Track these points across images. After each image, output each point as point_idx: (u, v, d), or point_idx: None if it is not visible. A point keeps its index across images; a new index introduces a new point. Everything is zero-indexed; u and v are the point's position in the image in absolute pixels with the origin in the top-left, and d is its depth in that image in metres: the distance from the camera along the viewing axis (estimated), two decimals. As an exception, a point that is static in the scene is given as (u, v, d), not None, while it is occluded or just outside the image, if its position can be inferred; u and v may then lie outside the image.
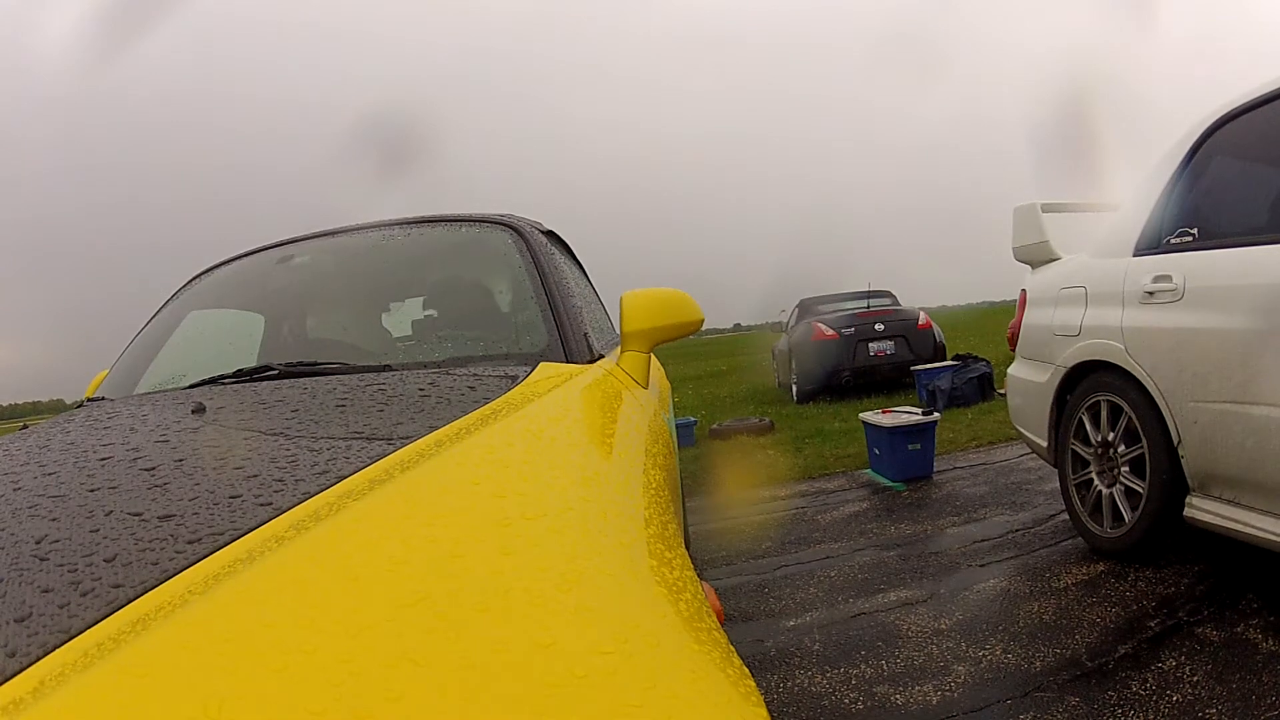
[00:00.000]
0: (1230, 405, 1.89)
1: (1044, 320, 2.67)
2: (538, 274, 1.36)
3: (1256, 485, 1.85)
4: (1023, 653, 1.89)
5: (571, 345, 1.21)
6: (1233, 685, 1.64)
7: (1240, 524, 1.90)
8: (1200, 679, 1.68)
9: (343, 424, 0.78)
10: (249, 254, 1.66)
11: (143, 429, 0.81)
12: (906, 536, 2.95)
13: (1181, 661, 1.77)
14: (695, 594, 0.49)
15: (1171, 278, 2.10)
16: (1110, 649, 1.87)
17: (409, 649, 0.34)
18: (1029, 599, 2.21)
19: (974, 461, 4.02)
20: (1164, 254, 2.17)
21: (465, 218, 1.58)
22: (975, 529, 2.92)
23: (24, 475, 0.65)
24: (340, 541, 0.46)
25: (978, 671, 1.82)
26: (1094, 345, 2.37)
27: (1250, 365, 1.82)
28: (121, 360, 1.52)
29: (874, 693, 1.78)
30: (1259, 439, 1.79)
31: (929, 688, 1.77)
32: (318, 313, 1.55)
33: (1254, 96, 1.97)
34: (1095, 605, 2.11)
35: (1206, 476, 2.02)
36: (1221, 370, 1.91)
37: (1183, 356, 2.04)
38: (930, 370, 6.26)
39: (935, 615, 2.17)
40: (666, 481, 0.90)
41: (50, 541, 0.47)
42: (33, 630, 0.36)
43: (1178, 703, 1.61)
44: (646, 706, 0.34)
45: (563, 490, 0.59)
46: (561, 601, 0.41)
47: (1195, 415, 2.00)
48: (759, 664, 2.02)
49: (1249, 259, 1.87)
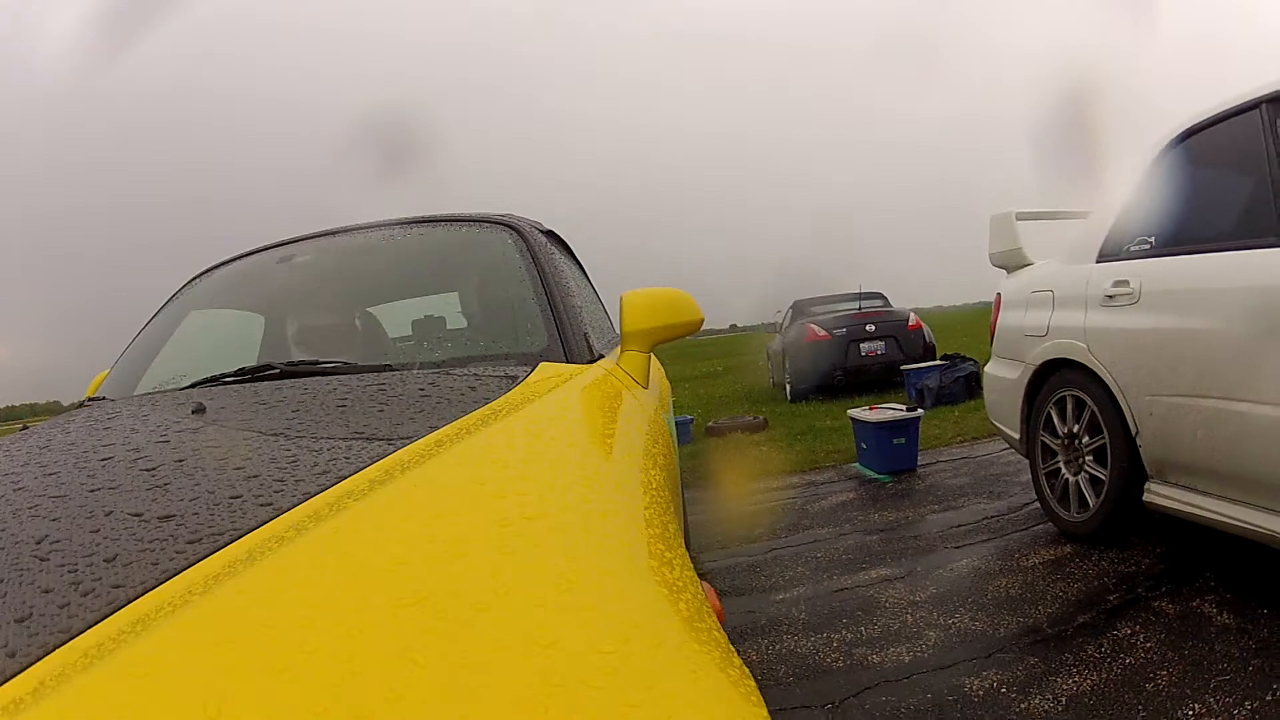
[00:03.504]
0: (1182, 398, 2.05)
1: (1016, 321, 2.86)
2: (538, 274, 1.36)
3: (1207, 472, 2.02)
4: (989, 621, 2.07)
5: (571, 345, 1.21)
6: (1184, 652, 1.78)
7: (1194, 508, 2.07)
8: (1153, 646, 1.83)
9: (343, 424, 0.78)
10: (249, 254, 1.66)
11: (143, 429, 0.81)
12: (889, 522, 3.14)
13: (1136, 630, 1.91)
14: (695, 594, 0.49)
15: (1129, 282, 2.27)
16: (1070, 619, 2.02)
17: (409, 649, 0.34)
18: (998, 576, 2.39)
19: (957, 456, 4.22)
20: (1124, 260, 2.35)
21: (465, 218, 1.58)
22: (953, 516, 3.11)
23: (24, 475, 0.65)
24: (341, 542, 0.46)
25: (947, 636, 2.01)
26: (1060, 345, 2.55)
27: (1199, 362, 1.99)
28: (122, 360, 1.52)
29: (853, 654, 1.97)
30: (1208, 429, 1.96)
31: (902, 649, 1.96)
32: (318, 312, 1.55)
33: (1204, 118, 2.14)
34: (1059, 582, 2.27)
35: (1162, 464, 2.19)
36: (1173, 367, 2.08)
37: (1138, 355, 2.22)
38: (919, 370, 6.44)
39: (911, 589, 2.36)
40: (667, 481, 0.90)
41: (51, 542, 0.47)
42: (33, 630, 0.36)
43: (1129, 665, 1.75)
44: (646, 706, 0.34)
45: (563, 490, 0.59)
46: (562, 601, 0.41)
47: (1150, 408, 2.17)
48: (751, 631, 2.19)
49: (1199, 265, 2.04)
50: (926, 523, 3.09)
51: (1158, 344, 2.13)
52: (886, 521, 3.16)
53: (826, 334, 7.35)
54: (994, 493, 3.37)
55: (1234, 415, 1.87)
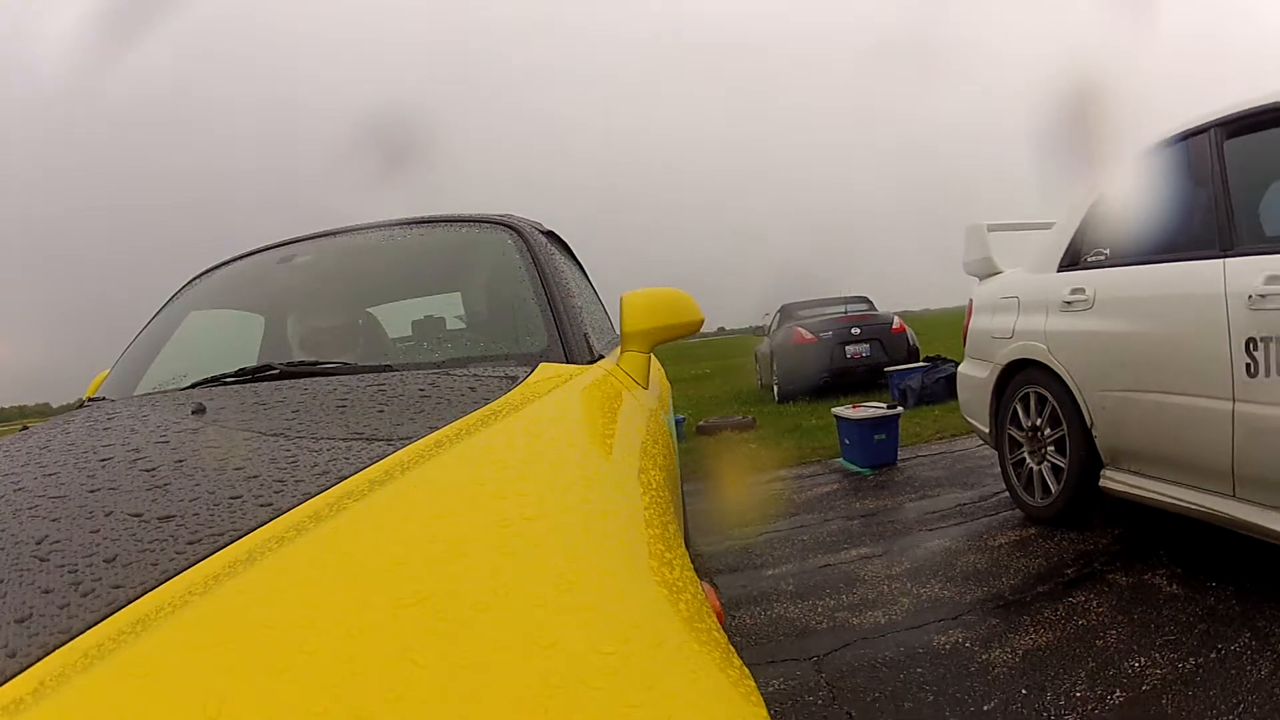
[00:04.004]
0: (1129, 393, 2.31)
1: (985, 325, 3.12)
2: (538, 274, 1.36)
3: (1153, 458, 2.28)
4: (957, 590, 2.31)
5: (571, 345, 1.21)
6: (1134, 616, 1.98)
7: (1143, 490, 2.32)
8: (1105, 611, 2.03)
9: (343, 424, 0.78)
10: (249, 254, 1.66)
11: (143, 429, 0.81)
12: (870, 510, 3.39)
13: (1090, 598, 2.12)
14: (695, 594, 0.48)
15: (1085, 290, 2.52)
16: (1030, 588, 2.25)
17: (409, 649, 0.34)
18: (967, 553, 2.63)
19: (935, 451, 4.49)
20: (1081, 270, 2.61)
21: (465, 218, 1.58)
22: (928, 503, 3.35)
23: (24, 476, 0.65)
24: (340, 542, 0.46)
25: (919, 603, 2.25)
26: (1024, 346, 2.80)
27: (1143, 360, 2.25)
28: (122, 360, 1.52)
29: (835, 617, 2.22)
30: (1153, 419, 2.22)
31: (879, 614, 2.20)
32: (318, 313, 1.55)
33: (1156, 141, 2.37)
34: (1022, 558, 2.51)
35: (1115, 452, 2.45)
36: (1122, 365, 2.33)
37: (1092, 355, 2.47)
38: (902, 371, 6.70)
39: (888, 565, 2.61)
40: (666, 481, 0.90)
41: (51, 542, 0.47)
42: (33, 631, 0.36)
43: (1082, 625, 1.96)
44: (646, 706, 0.34)
45: (563, 490, 0.59)
46: (562, 601, 0.41)
47: (1103, 402, 2.43)
48: (746, 601, 2.44)
49: (1146, 275, 2.29)
50: (904, 510, 3.32)
51: (1109, 345, 2.38)
52: (867, 509, 3.40)
53: (814, 337, 7.62)
54: (967, 484, 3.61)
55: (1172, 407, 2.12)
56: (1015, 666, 1.79)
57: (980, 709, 1.64)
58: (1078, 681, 1.70)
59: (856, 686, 1.79)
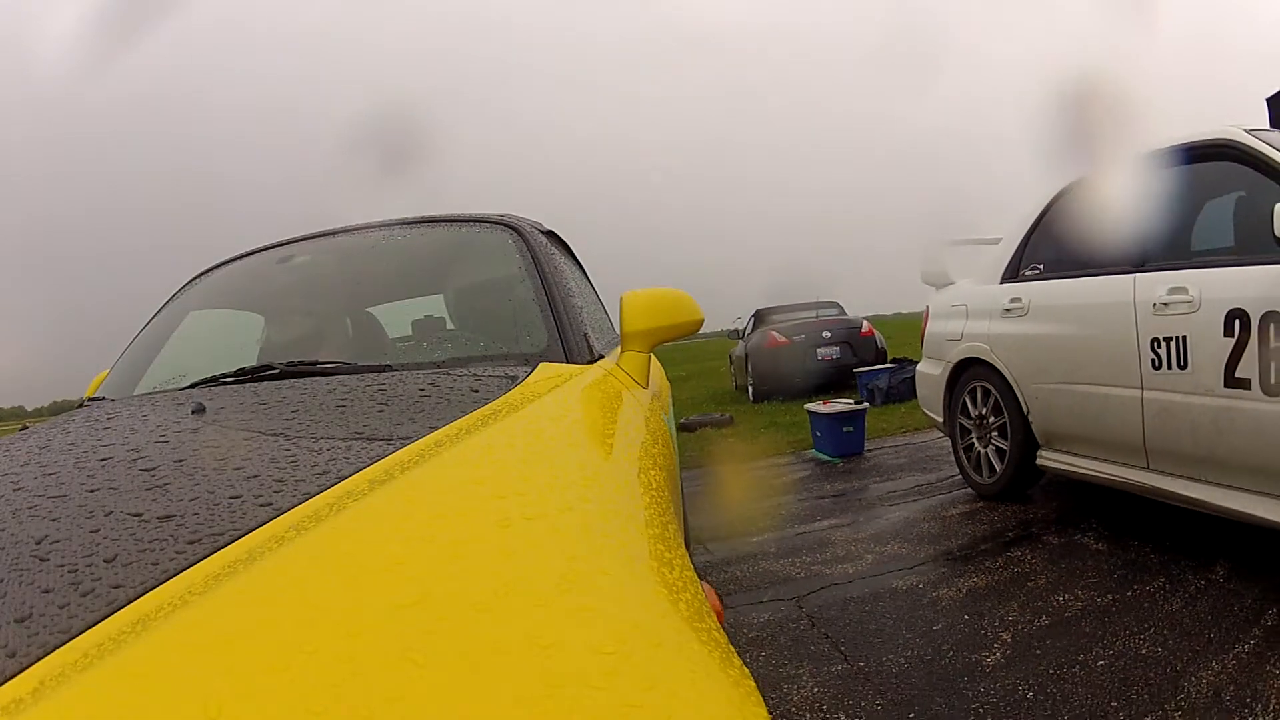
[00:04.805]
0: (1058, 385, 2.76)
1: (939, 329, 3.58)
2: (538, 274, 1.36)
3: (1079, 439, 2.74)
4: (912, 549, 2.74)
5: (571, 345, 1.21)
6: (1062, 565, 2.38)
7: (1072, 466, 2.77)
8: (1037, 561, 2.45)
9: (343, 424, 0.78)
10: (249, 254, 1.66)
11: (143, 429, 0.81)
12: (839, 490, 3.87)
13: (1025, 553, 2.54)
14: (695, 594, 0.48)
15: (1022, 299, 2.99)
16: (975, 546, 2.68)
17: (409, 650, 0.34)
18: (922, 522, 3.10)
19: (899, 443, 5.00)
20: (1019, 282, 3.07)
21: (465, 218, 1.57)
22: (891, 485, 3.81)
23: (24, 475, 0.65)
24: (340, 542, 0.46)
25: (880, 558, 2.69)
26: (971, 346, 3.27)
27: (1069, 358, 2.71)
28: (121, 360, 1.52)
29: (811, 569, 2.67)
30: (1078, 407, 2.67)
31: (847, 566, 2.65)
32: (318, 313, 1.54)
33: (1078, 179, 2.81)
34: (970, 524, 2.95)
35: (1048, 435, 2.91)
36: (1051, 362, 2.79)
37: (1027, 353, 2.93)
38: (870, 372, 7.18)
39: (855, 532, 3.07)
40: (667, 481, 0.90)
41: (50, 542, 0.47)
42: (33, 631, 0.36)
43: (1016, 572, 2.38)
44: (646, 706, 0.34)
45: (563, 491, 0.59)
46: (561, 602, 0.41)
47: (1037, 393, 2.89)
48: (735, 559, 2.87)
49: (1072, 286, 2.75)
50: (869, 490, 3.80)
51: (1041, 345, 2.84)
52: (837, 490, 3.89)
53: (787, 340, 8.07)
54: (926, 469, 4.07)
55: (1094, 396, 2.58)
56: (959, 600, 2.21)
57: (930, 629, 2.04)
58: (1010, 610, 2.09)
59: (831, 617, 2.21)
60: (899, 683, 1.78)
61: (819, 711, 1.70)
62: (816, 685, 1.81)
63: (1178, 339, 2.21)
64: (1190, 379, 2.18)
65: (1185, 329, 2.20)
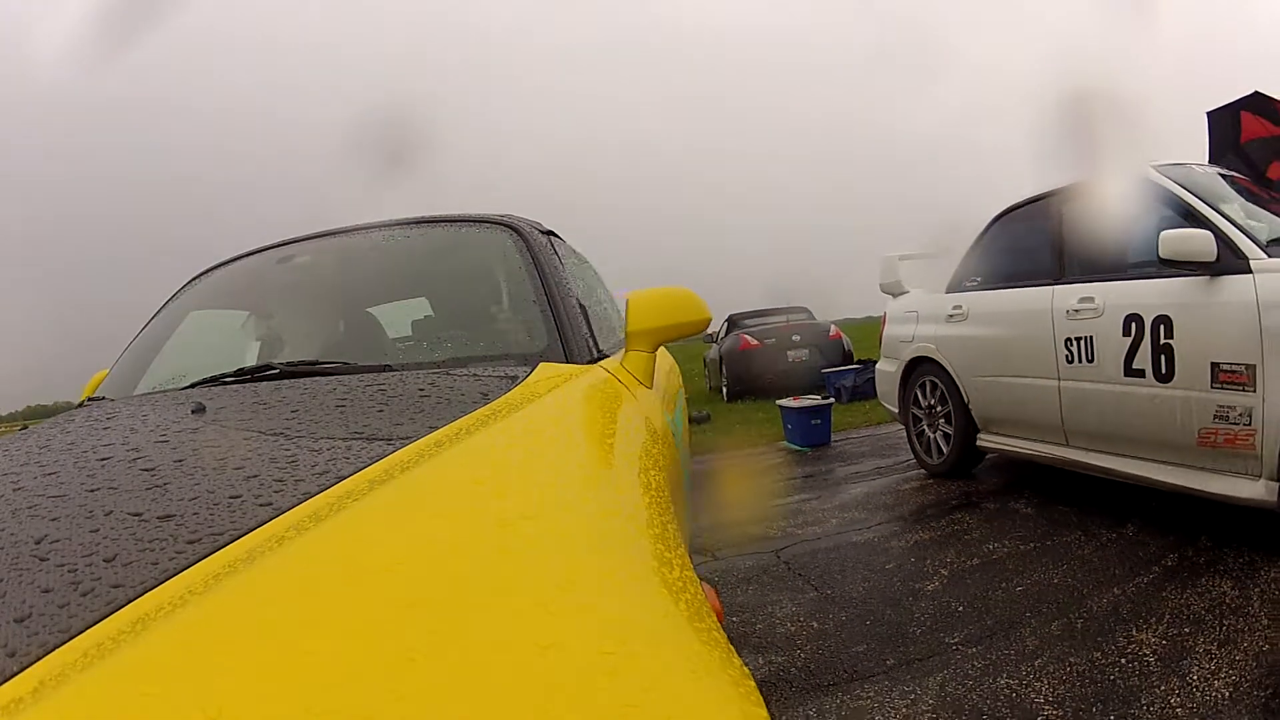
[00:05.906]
0: (993, 378, 3.29)
1: (895, 332, 4.14)
2: (538, 274, 1.36)
3: (1010, 422, 3.27)
4: (870, 515, 3.29)
5: (572, 345, 1.21)
6: (995, 524, 2.88)
7: (1006, 445, 3.31)
8: (974, 522, 2.95)
9: (343, 424, 0.78)
10: (249, 254, 1.65)
11: (143, 429, 0.81)
12: (809, 473, 4.45)
13: (965, 515, 3.05)
14: (695, 594, 0.48)
15: (962, 306, 3.52)
16: (922, 511, 3.22)
17: (410, 649, 0.34)
18: (880, 495, 3.66)
19: (863, 435, 5.57)
20: (961, 292, 3.60)
21: (465, 218, 1.57)
22: (854, 468, 4.41)
23: (24, 475, 0.65)
24: (340, 542, 0.46)
25: (844, 522, 3.24)
26: (921, 346, 3.81)
27: (999, 355, 3.23)
28: (121, 360, 1.51)
29: (786, 530, 3.21)
30: (1009, 395, 3.20)
31: (816, 528, 3.19)
32: (318, 313, 1.54)
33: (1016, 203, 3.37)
34: (920, 496, 3.50)
35: (986, 420, 3.44)
36: (988, 358, 3.31)
37: (966, 352, 3.46)
38: (837, 372, 7.68)
39: (822, 503, 3.61)
40: (667, 482, 0.90)
41: (50, 541, 0.47)
42: (33, 630, 0.36)
43: (956, 529, 2.88)
44: (647, 706, 0.34)
45: (562, 491, 0.59)
46: (562, 602, 0.41)
47: (975, 385, 3.42)
48: (723, 525, 3.25)
49: (1003, 296, 3.29)
50: (835, 472, 4.37)
51: (977, 345, 3.38)
52: (807, 473, 4.46)
53: (758, 343, 8.56)
54: (885, 455, 4.64)
55: (1021, 386, 3.10)
56: (908, 549, 2.74)
57: (883, 568, 2.56)
58: (948, 555, 2.59)
59: (803, 563, 2.73)
60: (858, 603, 2.28)
61: (798, 622, 2.18)
62: (794, 606, 2.31)
63: (1087, 338, 2.71)
64: (1097, 370, 2.67)
65: (1092, 330, 2.69)
